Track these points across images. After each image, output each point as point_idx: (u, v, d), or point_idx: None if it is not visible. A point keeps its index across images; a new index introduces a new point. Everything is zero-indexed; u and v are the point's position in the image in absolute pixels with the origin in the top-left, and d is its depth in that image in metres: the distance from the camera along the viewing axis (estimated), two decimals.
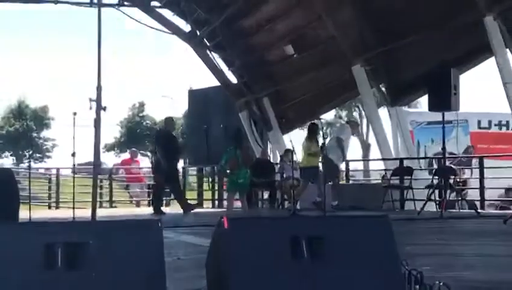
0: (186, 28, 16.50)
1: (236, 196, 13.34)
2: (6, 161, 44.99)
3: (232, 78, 17.00)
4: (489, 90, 48.93)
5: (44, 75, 66.60)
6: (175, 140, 13.36)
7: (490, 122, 19.26)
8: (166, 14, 16.30)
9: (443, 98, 10.55)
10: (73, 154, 9.25)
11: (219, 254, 3.22)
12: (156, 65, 72.30)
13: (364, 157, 33.80)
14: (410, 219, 10.21)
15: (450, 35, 13.07)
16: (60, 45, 65.92)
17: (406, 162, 14.22)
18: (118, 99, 53.57)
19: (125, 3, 15.84)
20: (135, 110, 50.20)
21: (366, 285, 3.20)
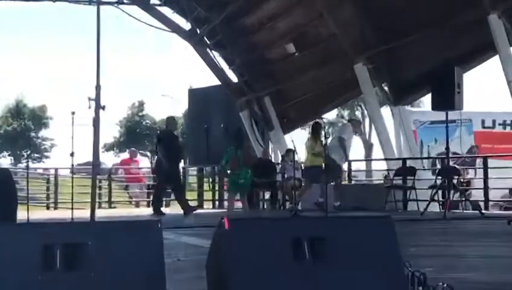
0: (186, 26, 16.49)
1: (237, 197, 13.37)
2: (4, 161, 45.04)
3: (232, 77, 16.99)
4: (494, 89, 48.92)
5: (42, 74, 66.66)
6: (177, 140, 13.35)
7: (494, 122, 19.24)
8: (166, 12, 16.31)
9: (446, 97, 10.54)
10: (71, 154, 9.24)
11: (219, 255, 3.22)
12: (156, 64, 72.39)
13: (367, 157, 33.84)
14: (413, 220, 10.21)
15: (454, 33, 13.06)
16: (59, 43, 66.07)
17: (409, 162, 14.21)
18: (117, 99, 53.57)
19: (125, 1, 15.83)
20: (134, 109, 50.19)
21: (368, 286, 3.20)
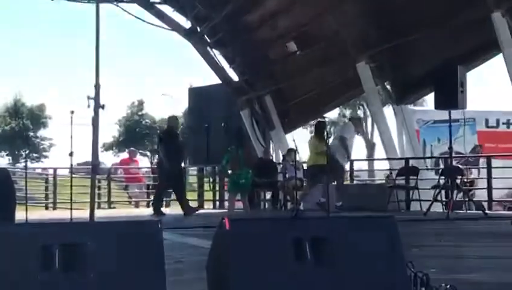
0: (186, 25, 16.48)
1: (238, 197, 13.38)
2: (2, 161, 45.13)
3: (233, 76, 16.99)
4: (497, 88, 48.91)
5: (41, 73, 66.67)
6: (178, 140, 13.31)
7: (498, 121, 19.24)
8: (166, 10, 16.31)
9: (450, 96, 10.54)
10: (70, 154, 9.24)
11: (220, 256, 3.22)
12: (156, 62, 72.41)
13: (369, 157, 33.75)
14: (416, 220, 10.21)
15: (457, 32, 13.06)
16: (57, 41, 66.09)
17: (412, 162, 14.22)
18: (116, 98, 53.63)
19: None
20: (134, 108, 50.19)
21: (370, 287, 3.20)
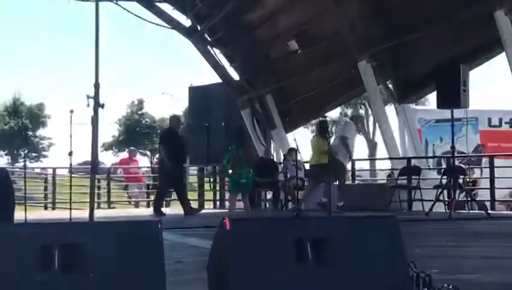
0: (187, 23, 16.47)
1: (239, 197, 13.38)
2: (1, 160, 45.16)
3: (233, 75, 16.98)
4: (500, 86, 48.88)
5: (40, 72, 66.68)
6: (180, 139, 13.27)
7: (501, 120, 19.20)
8: (166, 8, 16.29)
9: (452, 95, 10.53)
10: (70, 154, 9.24)
11: (221, 256, 3.22)
12: (156, 61, 72.36)
13: (371, 157, 33.82)
14: (418, 220, 10.21)
15: (459, 30, 13.05)
16: (57, 40, 66.09)
17: (414, 162, 14.22)
18: (116, 97, 53.63)
19: None
20: (134, 107, 50.18)
21: (372, 288, 3.20)
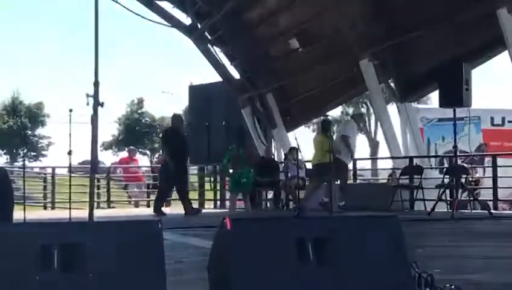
0: (187, 21, 16.46)
1: (240, 196, 13.39)
2: (0, 160, 45.18)
3: (234, 73, 16.96)
4: (503, 85, 48.87)
5: (39, 70, 66.73)
6: (183, 138, 13.24)
7: (504, 119, 19.19)
8: (166, 6, 16.28)
9: (454, 93, 10.53)
10: (69, 153, 9.24)
11: (221, 256, 3.22)
12: (156, 60, 72.42)
13: (373, 156, 33.83)
14: (420, 220, 10.21)
15: (462, 28, 13.03)
16: (56, 38, 66.11)
17: (416, 161, 14.21)
18: (115, 96, 53.62)
19: None
20: (134, 106, 50.21)
21: (374, 288, 3.20)
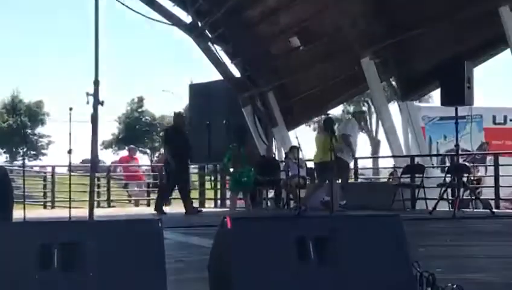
0: (187, 19, 16.46)
1: (240, 195, 13.40)
2: (0, 159, 45.16)
3: (235, 72, 16.95)
4: (505, 83, 48.84)
5: (39, 69, 66.71)
6: (184, 136, 13.24)
7: (506, 118, 19.19)
8: (167, 4, 16.28)
9: (456, 92, 10.52)
10: (69, 152, 9.26)
11: (222, 255, 3.22)
12: (156, 58, 72.40)
13: (374, 155, 33.78)
14: (421, 219, 10.22)
15: (464, 26, 13.03)
16: (55, 37, 66.09)
17: (417, 160, 14.21)
18: (115, 94, 53.61)
19: None
20: (134, 105, 50.20)
21: (376, 287, 3.20)
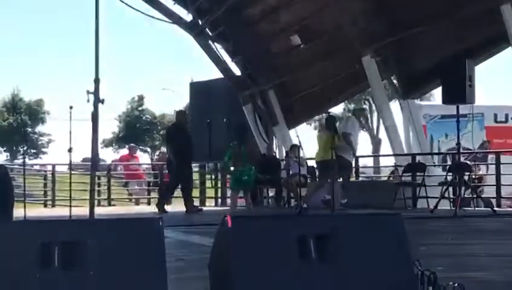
0: (188, 18, 16.46)
1: (241, 194, 13.39)
2: (0, 157, 45.17)
3: (235, 70, 16.95)
4: (507, 82, 48.82)
5: (39, 67, 66.67)
6: (187, 134, 13.23)
7: (507, 116, 19.19)
8: (167, 2, 16.28)
9: (457, 90, 10.52)
10: (69, 150, 9.26)
11: (222, 254, 3.23)
12: (156, 56, 72.36)
13: (375, 153, 33.80)
14: (423, 218, 10.22)
15: (465, 24, 13.03)
16: (56, 35, 66.05)
17: (419, 158, 14.21)
18: (116, 92, 53.63)
19: None
20: (134, 103, 50.16)
21: (377, 286, 3.20)
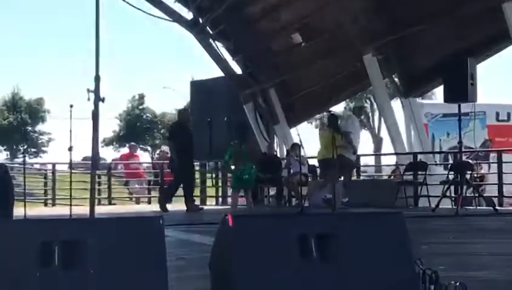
0: (188, 16, 16.46)
1: (241, 193, 13.40)
2: (0, 156, 45.21)
3: (236, 69, 16.95)
4: (509, 80, 48.80)
5: (39, 66, 66.69)
6: (189, 133, 13.24)
7: (509, 115, 19.18)
8: (168, 1, 16.27)
9: (459, 88, 10.52)
10: (70, 149, 9.26)
11: (223, 253, 3.23)
12: (157, 55, 72.34)
13: (376, 152, 33.83)
14: (424, 216, 10.22)
15: (467, 22, 13.02)
16: (56, 33, 66.07)
17: (420, 157, 14.21)
18: (116, 91, 53.59)
19: None
20: (135, 102, 50.19)
21: (378, 285, 3.20)
